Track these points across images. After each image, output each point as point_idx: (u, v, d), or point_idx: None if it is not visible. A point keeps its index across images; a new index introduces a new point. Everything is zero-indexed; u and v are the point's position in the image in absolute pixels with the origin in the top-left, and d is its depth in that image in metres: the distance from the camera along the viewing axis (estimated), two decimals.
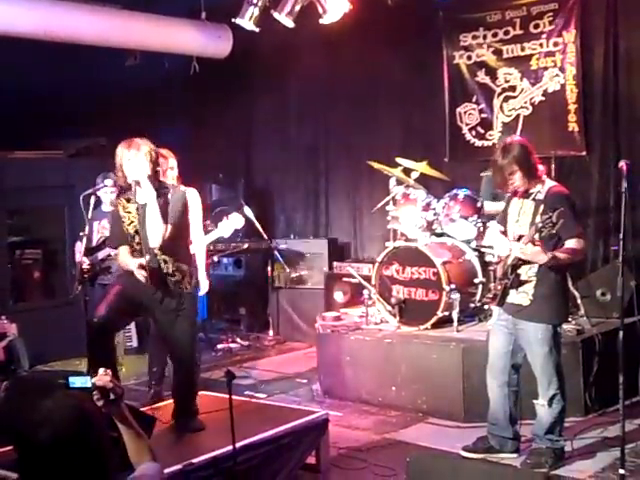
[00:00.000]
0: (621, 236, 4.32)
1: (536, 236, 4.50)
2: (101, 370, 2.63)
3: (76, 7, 7.65)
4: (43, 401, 2.20)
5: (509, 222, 4.89)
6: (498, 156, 4.81)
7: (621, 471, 4.11)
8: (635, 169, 5.37)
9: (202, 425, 4.86)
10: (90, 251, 7.03)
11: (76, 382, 2.60)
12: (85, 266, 6.72)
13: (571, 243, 4.59)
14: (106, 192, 7.12)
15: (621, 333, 4.28)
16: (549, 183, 4.80)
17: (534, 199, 4.73)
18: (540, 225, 4.44)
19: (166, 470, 3.92)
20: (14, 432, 2.23)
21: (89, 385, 2.59)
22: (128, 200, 4.85)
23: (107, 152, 9.39)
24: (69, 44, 7.71)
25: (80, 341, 6.79)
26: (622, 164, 4.36)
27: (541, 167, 4.88)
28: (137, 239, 4.78)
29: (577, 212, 4.74)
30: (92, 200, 6.70)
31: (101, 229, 7.15)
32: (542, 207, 4.56)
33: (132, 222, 4.81)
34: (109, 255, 7.04)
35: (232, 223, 6.52)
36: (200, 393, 5.58)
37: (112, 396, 2.61)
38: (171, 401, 5.27)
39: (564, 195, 4.71)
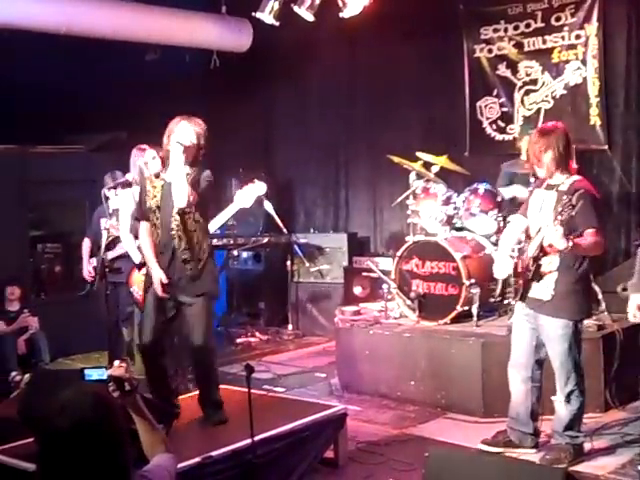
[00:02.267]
0: None
1: (556, 224, 4.44)
2: (116, 362, 2.66)
3: (97, 2, 7.69)
4: (61, 390, 2.22)
5: (531, 213, 4.85)
6: (538, 131, 4.82)
7: None
8: None
9: (225, 417, 4.87)
10: (98, 249, 7.10)
11: (92, 374, 2.63)
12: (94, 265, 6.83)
13: (589, 234, 4.55)
14: (117, 195, 7.15)
15: None
16: (575, 177, 4.74)
17: (557, 190, 4.68)
18: (560, 209, 4.38)
19: (185, 463, 3.97)
20: (35, 422, 2.25)
21: (105, 377, 2.61)
22: (157, 176, 4.97)
23: (128, 146, 9.47)
24: (90, 39, 7.75)
25: (100, 335, 6.89)
26: None
27: (574, 164, 4.84)
28: (157, 214, 4.87)
29: (599, 207, 4.68)
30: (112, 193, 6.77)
31: (110, 228, 7.16)
32: (565, 197, 4.50)
33: (155, 197, 4.90)
34: (120, 255, 7.06)
35: (253, 190, 5.99)
36: (220, 387, 5.62)
37: (127, 387, 2.62)
38: (189, 395, 5.31)
39: (587, 190, 4.62)
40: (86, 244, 7.42)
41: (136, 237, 5.83)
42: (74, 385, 2.29)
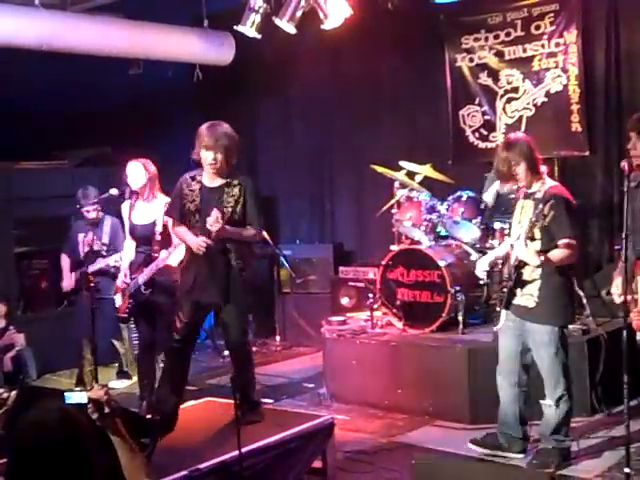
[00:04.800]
0: (624, 235, 4.32)
1: (536, 232, 4.53)
2: (97, 385, 2.66)
3: (78, 17, 7.69)
4: (31, 409, 2.23)
5: (513, 223, 4.95)
6: (502, 149, 4.91)
7: (627, 470, 4.10)
8: None
9: (259, 417, 4.97)
10: (78, 264, 7.11)
11: (72, 397, 2.63)
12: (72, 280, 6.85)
13: (562, 244, 4.61)
14: (89, 212, 7.15)
15: (625, 332, 4.27)
16: (549, 183, 4.84)
17: (533, 198, 4.76)
18: (534, 219, 4.52)
19: (172, 476, 3.97)
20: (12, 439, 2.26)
21: (85, 401, 2.61)
22: (193, 178, 5.06)
23: (112, 161, 9.47)
24: (73, 54, 7.76)
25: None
26: (624, 164, 4.35)
27: (543, 167, 4.92)
28: (197, 217, 4.97)
29: (574, 214, 4.75)
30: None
31: (87, 242, 7.16)
32: (540, 206, 4.59)
33: (194, 201, 4.98)
34: (99, 270, 7.04)
35: None
36: (207, 399, 5.63)
37: (107, 410, 2.62)
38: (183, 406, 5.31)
39: (561, 195, 4.73)
40: (65, 259, 7.42)
41: None
42: (42, 402, 2.30)
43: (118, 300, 6.19)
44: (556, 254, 4.63)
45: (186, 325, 5.02)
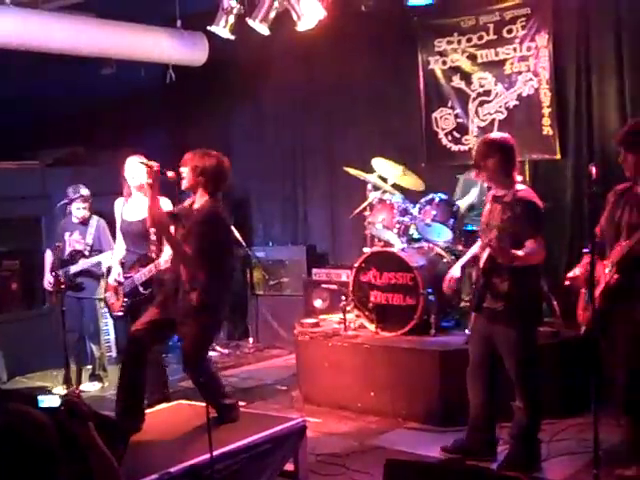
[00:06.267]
0: (591, 240, 4.36)
1: (503, 240, 4.58)
2: (69, 390, 2.65)
3: (49, 16, 7.63)
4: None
5: (481, 226, 5.00)
6: (484, 141, 4.96)
7: (595, 472, 4.14)
8: (608, 170, 5.45)
9: (232, 419, 4.95)
10: (63, 263, 7.04)
11: (45, 401, 2.60)
12: (58, 279, 6.76)
13: (530, 243, 4.65)
14: (78, 203, 7.13)
15: (594, 336, 4.32)
16: (517, 187, 4.86)
17: (502, 202, 4.79)
18: (501, 225, 4.59)
19: None
20: None
21: (57, 405, 2.58)
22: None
23: (84, 161, 9.39)
24: (45, 53, 7.69)
25: (59, 352, 6.82)
26: (591, 167, 4.40)
27: (517, 175, 4.95)
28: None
29: (541, 217, 4.78)
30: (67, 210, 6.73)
31: (73, 242, 7.12)
32: (507, 209, 4.63)
33: None
34: (83, 270, 7.03)
35: None
36: (178, 402, 5.61)
37: (79, 414, 2.60)
38: (151, 410, 5.28)
39: (528, 199, 4.77)
40: (48, 256, 7.35)
41: None
42: (8, 407, 2.27)
43: (111, 298, 6.17)
44: (524, 251, 4.64)
45: (140, 330, 4.96)
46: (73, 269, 7.05)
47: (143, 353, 4.97)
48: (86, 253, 7.08)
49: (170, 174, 4.96)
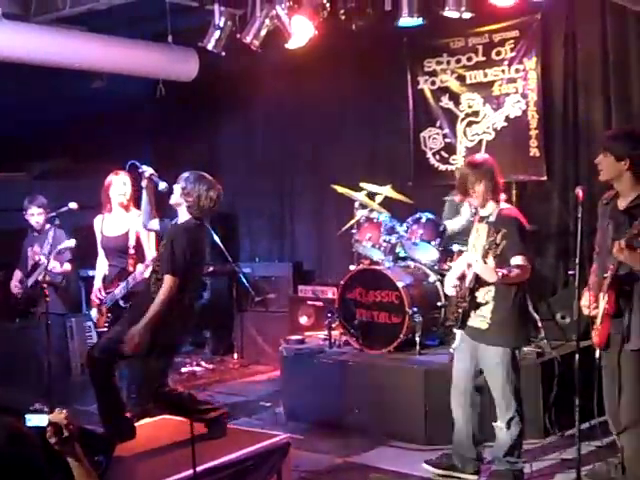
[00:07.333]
0: (577, 261, 4.39)
1: (489, 259, 4.60)
2: (57, 409, 2.63)
3: (41, 29, 7.63)
4: None
5: (469, 247, 5.02)
6: (467, 166, 4.99)
7: None
8: (596, 193, 5.48)
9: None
10: (25, 277, 6.98)
11: (32, 420, 2.58)
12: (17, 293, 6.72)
13: (516, 260, 4.67)
14: (33, 215, 6.96)
15: (577, 356, 4.34)
16: (502, 206, 4.89)
17: (487, 222, 4.83)
18: (487, 247, 4.59)
19: None
20: None
21: (45, 424, 2.57)
22: None
23: (72, 174, 9.38)
24: (34, 66, 7.69)
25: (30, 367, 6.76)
26: (578, 190, 4.44)
27: (503, 195, 4.98)
28: None
29: (525, 234, 4.81)
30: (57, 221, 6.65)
31: (33, 255, 6.98)
32: (492, 230, 4.66)
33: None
34: (37, 281, 6.82)
35: None
36: (162, 417, 5.58)
37: (66, 433, 2.59)
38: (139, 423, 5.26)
39: (512, 217, 4.81)
40: (16, 275, 7.22)
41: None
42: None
43: (94, 314, 6.16)
44: (511, 270, 4.65)
45: (109, 341, 4.97)
46: (30, 281, 6.93)
47: (110, 366, 5.00)
48: (42, 264, 6.87)
49: (162, 186, 5.01)
